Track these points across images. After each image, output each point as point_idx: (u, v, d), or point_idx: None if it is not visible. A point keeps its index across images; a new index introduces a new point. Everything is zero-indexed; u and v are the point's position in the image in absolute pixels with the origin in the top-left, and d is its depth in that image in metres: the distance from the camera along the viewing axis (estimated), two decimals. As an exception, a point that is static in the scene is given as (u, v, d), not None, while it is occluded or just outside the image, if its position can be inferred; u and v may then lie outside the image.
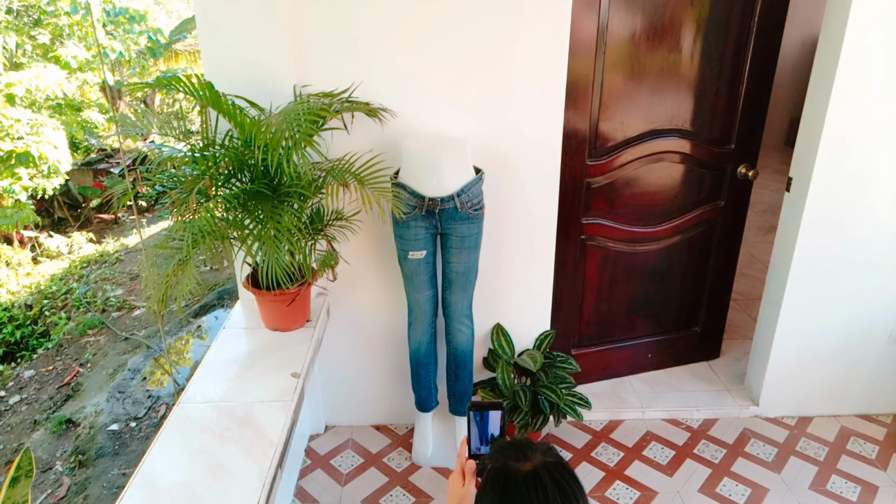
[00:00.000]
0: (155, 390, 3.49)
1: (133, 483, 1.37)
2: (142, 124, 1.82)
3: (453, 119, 2.11)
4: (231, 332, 2.04)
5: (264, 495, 1.34)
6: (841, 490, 2.26)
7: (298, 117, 1.63)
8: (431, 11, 1.97)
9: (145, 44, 8.06)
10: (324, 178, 1.83)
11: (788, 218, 2.38)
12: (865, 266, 2.37)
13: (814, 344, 2.50)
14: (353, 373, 2.50)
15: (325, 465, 2.40)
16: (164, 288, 1.59)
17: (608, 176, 2.41)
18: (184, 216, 1.67)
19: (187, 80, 1.64)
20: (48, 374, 3.86)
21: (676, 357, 2.90)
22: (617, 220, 2.50)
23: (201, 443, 1.50)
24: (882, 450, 2.45)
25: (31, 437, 3.21)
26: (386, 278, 2.32)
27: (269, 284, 1.76)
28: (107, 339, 4.18)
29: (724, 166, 2.53)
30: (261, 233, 1.67)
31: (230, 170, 1.77)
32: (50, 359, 4.04)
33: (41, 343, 4.27)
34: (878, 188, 2.25)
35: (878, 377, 2.57)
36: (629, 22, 2.17)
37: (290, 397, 1.66)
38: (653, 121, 2.36)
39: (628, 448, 2.47)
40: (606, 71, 2.22)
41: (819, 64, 2.18)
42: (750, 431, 2.56)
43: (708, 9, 2.23)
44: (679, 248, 2.63)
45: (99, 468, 2.86)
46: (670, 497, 2.24)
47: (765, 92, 2.43)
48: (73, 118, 6.96)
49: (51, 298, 5.00)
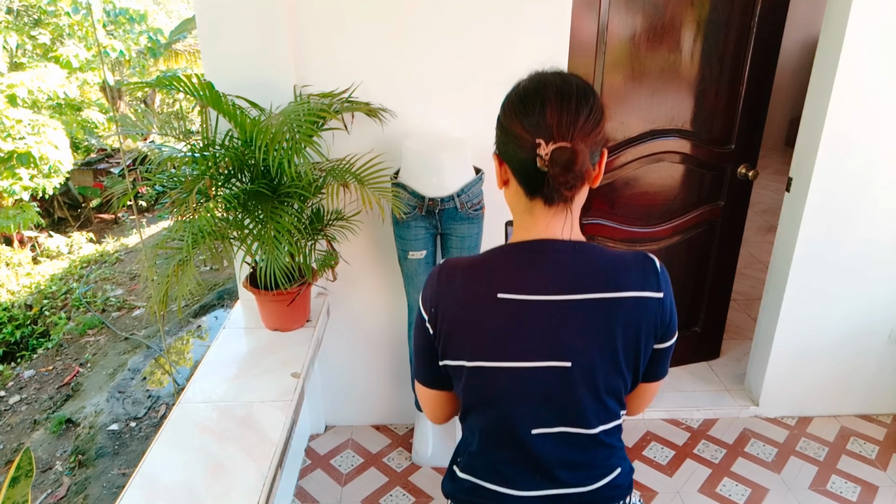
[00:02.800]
0: (155, 390, 3.49)
1: (133, 483, 1.37)
2: (142, 124, 1.82)
3: (453, 119, 2.11)
4: (231, 332, 2.04)
5: (264, 495, 1.34)
6: (841, 490, 2.26)
7: (299, 117, 1.63)
8: (432, 12, 1.97)
9: (145, 44, 8.06)
10: (324, 178, 1.83)
11: (788, 218, 2.38)
12: (866, 266, 2.37)
13: (814, 344, 2.50)
14: (353, 373, 2.50)
15: (325, 465, 2.40)
16: (164, 288, 1.59)
17: (608, 176, 2.41)
18: (184, 216, 1.67)
19: (187, 80, 1.64)
20: (48, 373, 3.86)
21: (676, 357, 2.90)
22: (617, 221, 2.50)
23: (201, 443, 1.50)
24: (882, 450, 2.45)
25: (31, 436, 3.22)
26: (386, 278, 2.32)
27: (268, 284, 1.76)
28: (107, 339, 4.18)
29: (724, 166, 2.53)
30: (261, 233, 1.67)
31: (230, 170, 1.77)
32: (50, 359, 4.04)
33: (41, 343, 4.27)
34: (878, 188, 2.25)
35: (878, 377, 2.57)
36: (629, 22, 2.17)
37: (290, 397, 1.66)
38: (653, 121, 2.36)
39: (628, 448, 2.47)
40: (606, 71, 2.22)
41: (819, 64, 2.18)
42: (750, 431, 2.56)
43: (708, 9, 2.23)
44: (679, 248, 2.63)
45: (99, 468, 2.86)
46: (670, 497, 2.24)
47: (765, 92, 2.43)
48: (73, 118, 6.97)
49: (51, 298, 5.00)
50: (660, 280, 0.92)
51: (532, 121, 0.87)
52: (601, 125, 0.88)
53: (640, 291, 0.90)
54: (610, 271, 0.91)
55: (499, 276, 0.92)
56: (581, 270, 0.91)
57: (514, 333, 0.91)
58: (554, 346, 0.90)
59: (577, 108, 0.86)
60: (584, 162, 0.84)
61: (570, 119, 0.85)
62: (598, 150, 0.91)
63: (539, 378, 0.91)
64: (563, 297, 0.89)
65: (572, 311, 0.89)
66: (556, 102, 0.86)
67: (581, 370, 0.90)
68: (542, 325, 0.90)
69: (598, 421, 0.94)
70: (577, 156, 0.83)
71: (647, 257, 0.93)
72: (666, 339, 0.96)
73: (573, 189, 0.85)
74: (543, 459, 0.95)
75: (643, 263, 0.92)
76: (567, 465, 0.96)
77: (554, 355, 0.90)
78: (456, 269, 0.95)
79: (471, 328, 0.92)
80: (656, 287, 0.91)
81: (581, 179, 0.84)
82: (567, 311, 0.89)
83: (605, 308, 0.89)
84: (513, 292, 0.90)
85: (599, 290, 0.89)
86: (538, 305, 0.90)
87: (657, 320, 0.92)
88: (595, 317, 0.89)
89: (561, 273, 0.90)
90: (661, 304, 0.91)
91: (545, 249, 0.92)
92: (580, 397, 0.92)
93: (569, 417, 0.93)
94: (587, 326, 0.90)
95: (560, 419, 0.94)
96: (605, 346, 0.90)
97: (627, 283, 0.90)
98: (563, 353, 0.90)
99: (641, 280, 0.91)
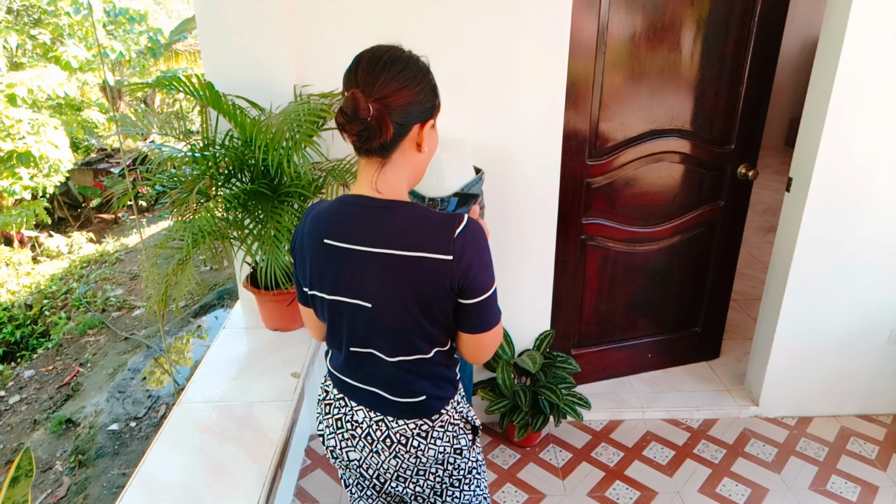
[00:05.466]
0: (155, 390, 3.49)
1: (133, 483, 1.37)
2: (142, 124, 1.82)
3: (453, 119, 2.10)
4: (231, 332, 2.04)
5: (264, 495, 1.34)
6: (841, 490, 2.26)
7: (299, 117, 1.63)
8: (432, 12, 1.97)
9: (145, 44, 8.06)
10: (324, 178, 1.83)
11: (788, 218, 2.38)
12: (866, 266, 2.37)
13: (814, 344, 2.50)
14: (353, 373, 2.50)
15: (325, 465, 2.40)
16: (164, 288, 1.59)
17: (608, 176, 2.41)
18: (184, 216, 1.67)
19: (187, 80, 1.64)
20: (48, 373, 3.86)
21: (676, 357, 2.90)
22: (617, 221, 2.50)
23: (201, 443, 1.50)
24: (882, 450, 2.45)
25: (31, 436, 3.22)
26: (386, 278, 2.32)
27: (268, 284, 1.76)
28: (107, 339, 4.18)
29: (724, 166, 2.53)
30: (261, 233, 1.67)
31: (230, 170, 1.77)
32: (50, 359, 4.04)
33: (41, 343, 4.27)
34: (878, 188, 2.25)
35: (878, 377, 2.57)
36: (629, 22, 2.17)
37: (290, 397, 1.66)
38: (653, 121, 2.36)
39: (628, 448, 2.47)
40: (606, 71, 2.22)
41: (819, 64, 2.18)
42: (750, 431, 2.56)
43: (708, 9, 2.23)
44: (679, 248, 2.64)
45: (99, 468, 2.86)
46: (670, 497, 2.24)
47: (765, 92, 2.43)
48: (73, 118, 6.97)
49: (51, 298, 5.00)
50: (453, 243, 1.04)
51: (348, 78, 1.04)
52: (408, 90, 1.02)
53: (430, 253, 1.04)
54: (408, 232, 1.06)
55: (326, 225, 1.11)
56: (382, 227, 1.06)
57: (332, 272, 1.11)
58: (359, 288, 1.10)
59: (382, 69, 1.01)
60: (370, 112, 0.99)
61: (371, 78, 1.00)
62: (412, 115, 1.04)
63: (351, 310, 1.12)
64: (364, 248, 1.07)
65: (369, 262, 1.07)
66: (366, 63, 1.02)
67: (379, 311, 1.10)
68: (348, 269, 1.09)
69: (396, 351, 1.14)
70: (359, 103, 0.98)
71: (454, 220, 1.06)
72: (469, 297, 1.08)
73: (369, 141, 1.01)
74: (358, 368, 1.20)
75: (445, 226, 1.05)
76: (372, 376, 1.19)
77: (358, 295, 1.10)
78: (310, 213, 1.16)
79: (308, 263, 1.14)
80: (447, 250, 1.04)
81: (376, 132, 1.00)
82: (366, 261, 1.08)
83: (396, 263, 1.06)
84: (331, 239, 1.10)
85: (394, 248, 1.05)
86: (346, 253, 1.09)
87: (448, 280, 1.05)
88: (387, 269, 1.06)
89: (365, 227, 1.07)
90: (450, 265, 1.04)
91: (358, 204, 1.09)
92: (382, 331, 1.12)
93: (372, 343, 1.15)
94: (381, 277, 1.07)
95: (366, 343, 1.15)
96: (395, 295, 1.08)
97: (421, 244, 1.04)
98: (364, 296, 1.10)
99: (434, 242, 1.04)
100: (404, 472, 1.23)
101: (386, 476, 1.24)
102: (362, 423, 1.22)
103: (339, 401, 1.25)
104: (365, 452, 1.23)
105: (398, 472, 1.23)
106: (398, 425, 1.20)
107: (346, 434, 1.24)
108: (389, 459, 1.21)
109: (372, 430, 1.21)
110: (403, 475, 1.23)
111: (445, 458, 1.23)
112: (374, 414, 1.21)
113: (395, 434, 1.20)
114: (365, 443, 1.22)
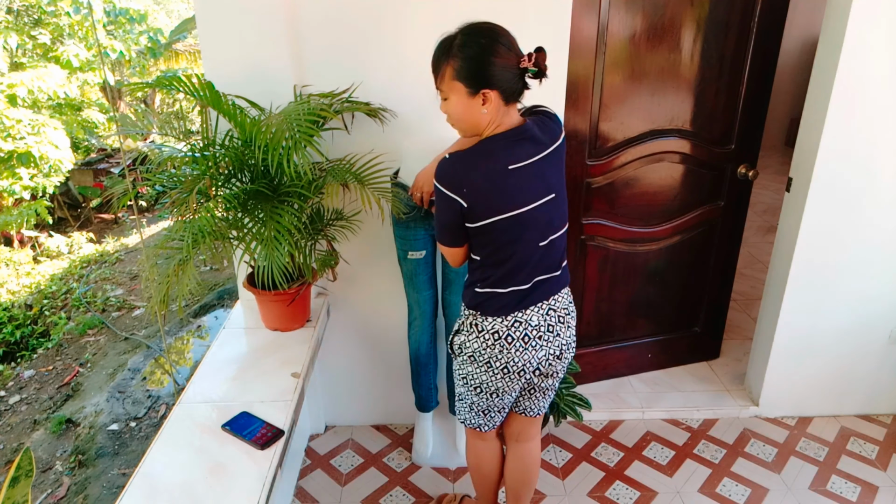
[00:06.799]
0: (155, 390, 3.49)
1: (133, 483, 1.37)
2: (142, 124, 1.82)
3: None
4: (231, 332, 2.04)
5: (264, 495, 1.34)
6: (841, 490, 2.26)
7: (299, 117, 1.63)
8: (432, 11, 1.97)
9: (146, 44, 8.06)
10: (324, 178, 1.83)
11: (788, 218, 2.38)
12: (866, 266, 2.37)
13: (814, 344, 2.50)
14: (353, 373, 2.50)
15: (325, 465, 2.40)
16: (164, 288, 1.59)
17: (608, 176, 2.41)
18: (184, 216, 1.67)
19: (187, 80, 1.64)
20: (48, 373, 3.86)
21: (676, 357, 2.90)
22: (617, 221, 2.50)
23: (201, 443, 1.50)
24: (882, 450, 2.45)
25: (31, 437, 3.22)
26: (386, 278, 2.32)
27: (267, 284, 1.76)
28: (107, 339, 4.18)
29: (724, 166, 2.53)
30: (261, 233, 1.67)
31: (230, 170, 1.77)
32: (50, 359, 4.04)
33: (41, 343, 4.27)
34: (878, 188, 2.25)
35: (878, 377, 2.57)
36: (629, 22, 2.17)
37: (290, 397, 1.66)
38: (653, 121, 2.36)
39: (628, 448, 2.47)
40: (606, 71, 2.22)
41: (819, 64, 2.18)
42: (750, 431, 2.56)
43: (708, 9, 2.23)
44: (679, 248, 2.64)
45: (99, 468, 2.86)
46: (670, 497, 2.24)
47: (765, 92, 2.43)
48: (73, 118, 6.97)
49: (51, 298, 5.00)
50: (561, 125, 1.52)
51: (507, 44, 1.43)
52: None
53: (559, 141, 1.48)
54: (547, 132, 1.46)
55: (503, 155, 1.40)
56: (538, 137, 1.44)
57: (523, 188, 1.42)
58: (544, 188, 1.45)
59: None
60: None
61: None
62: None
63: (542, 210, 1.45)
64: (540, 155, 1.44)
65: (547, 162, 1.45)
66: (508, 34, 1.46)
67: (559, 196, 1.50)
68: (537, 176, 1.44)
69: (564, 221, 1.55)
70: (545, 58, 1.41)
71: (550, 114, 1.52)
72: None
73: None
74: (542, 260, 1.51)
75: (552, 119, 1.50)
76: (556, 261, 1.55)
77: (547, 193, 1.46)
78: (464, 160, 1.41)
79: (496, 193, 1.40)
80: (561, 131, 1.51)
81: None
82: (545, 163, 1.44)
83: (554, 154, 1.47)
84: (515, 162, 1.41)
85: (549, 146, 1.46)
86: (531, 166, 1.43)
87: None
88: (552, 162, 1.46)
89: (536, 141, 1.44)
90: (565, 141, 1.52)
91: (524, 136, 1.44)
92: (563, 211, 1.53)
93: (556, 225, 1.51)
94: (553, 170, 1.47)
95: (555, 230, 1.51)
96: (562, 176, 1.52)
97: (555, 135, 1.48)
98: (550, 189, 1.46)
99: (558, 130, 1.49)
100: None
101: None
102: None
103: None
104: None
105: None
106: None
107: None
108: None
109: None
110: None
111: None
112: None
113: None
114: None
